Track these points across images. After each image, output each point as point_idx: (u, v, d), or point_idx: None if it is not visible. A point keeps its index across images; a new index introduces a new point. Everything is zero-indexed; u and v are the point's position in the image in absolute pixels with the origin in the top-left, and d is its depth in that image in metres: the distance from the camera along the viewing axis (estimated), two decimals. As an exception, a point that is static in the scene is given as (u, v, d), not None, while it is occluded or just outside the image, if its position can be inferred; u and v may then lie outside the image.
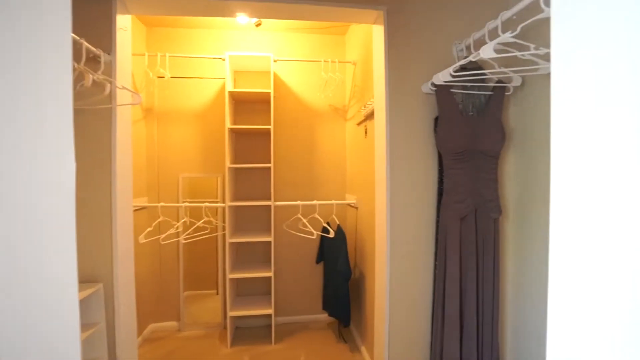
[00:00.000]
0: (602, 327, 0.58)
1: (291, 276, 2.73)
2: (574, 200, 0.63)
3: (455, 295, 1.39)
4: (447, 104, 1.40)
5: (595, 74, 0.58)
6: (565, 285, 0.66)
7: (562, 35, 0.63)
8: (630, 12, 0.54)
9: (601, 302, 0.59)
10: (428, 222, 1.55)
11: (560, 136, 0.63)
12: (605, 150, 0.58)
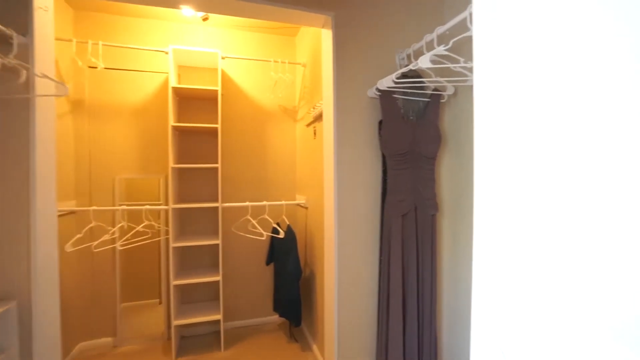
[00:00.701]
0: (518, 313, 0.67)
1: (241, 279, 2.67)
2: (493, 198, 0.72)
3: (399, 288, 1.48)
4: (390, 109, 1.49)
5: (509, 86, 0.67)
6: (486, 275, 0.74)
7: (482, 52, 0.72)
8: (535, 39, 0.63)
9: (517, 291, 0.68)
10: (373, 220, 1.63)
11: (480, 141, 0.71)
12: (518, 154, 0.67)
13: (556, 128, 0.60)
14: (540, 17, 0.62)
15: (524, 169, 0.65)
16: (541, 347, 0.61)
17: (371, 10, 1.65)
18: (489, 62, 0.70)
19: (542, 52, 0.62)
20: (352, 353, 1.64)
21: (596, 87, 0.54)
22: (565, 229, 0.58)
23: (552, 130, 0.60)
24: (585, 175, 0.54)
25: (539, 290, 0.62)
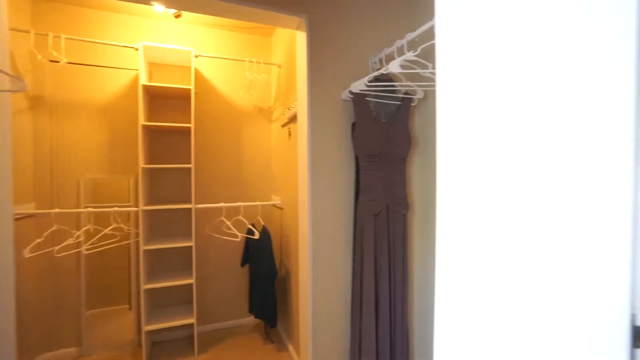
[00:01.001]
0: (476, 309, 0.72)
1: (215, 281, 2.62)
2: (452, 198, 0.77)
3: (371, 285, 1.52)
4: (363, 111, 1.53)
5: (466, 94, 0.72)
6: (447, 274, 0.79)
7: (443, 60, 0.76)
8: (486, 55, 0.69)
9: (474, 289, 0.74)
10: (347, 220, 1.67)
11: (442, 143, 0.76)
12: (473, 156, 0.72)
13: (504, 132, 0.65)
14: (491, 37, 0.68)
15: (477, 172, 0.70)
16: (495, 338, 0.66)
17: (345, 14, 1.68)
18: (448, 71, 0.75)
19: (490, 67, 0.67)
20: (326, 350, 1.66)
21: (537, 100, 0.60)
22: (514, 231, 0.63)
23: (501, 135, 0.65)
24: (535, 178, 0.59)
25: (493, 288, 0.67)
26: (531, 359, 0.58)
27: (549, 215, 0.56)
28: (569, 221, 0.54)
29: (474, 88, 0.69)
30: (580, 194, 0.52)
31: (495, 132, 0.64)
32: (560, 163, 0.55)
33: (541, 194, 0.57)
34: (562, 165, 0.54)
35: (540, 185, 0.58)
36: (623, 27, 0.48)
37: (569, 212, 0.54)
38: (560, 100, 0.54)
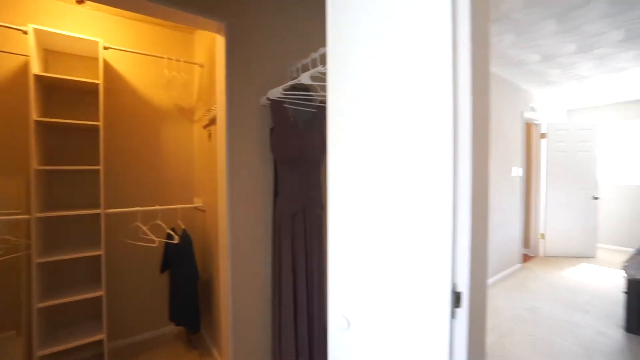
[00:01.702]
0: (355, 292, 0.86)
1: (130, 291, 2.43)
2: (340, 197, 0.90)
3: (289, 283, 1.62)
4: (280, 117, 1.62)
5: (348, 107, 0.85)
6: (334, 264, 0.92)
7: (332, 78, 0.89)
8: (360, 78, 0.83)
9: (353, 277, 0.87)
10: (266, 221, 1.73)
11: (331, 150, 0.88)
12: (355, 162, 0.85)
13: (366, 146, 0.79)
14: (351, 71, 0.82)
15: (353, 177, 0.83)
16: (369, 315, 0.80)
17: (266, 22, 1.75)
18: (337, 85, 0.88)
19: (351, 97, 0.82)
20: (249, 351, 1.70)
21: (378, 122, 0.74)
22: (372, 223, 0.78)
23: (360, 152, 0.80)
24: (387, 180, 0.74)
25: (365, 276, 0.81)
26: (393, 320, 0.73)
27: (398, 210, 0.72)
28: (412, 218, 0.69)
29: (343, 108, 0.82)
30: (418, 196, 0.68)
31: (356, 148, 0.79)
32: (401, 174, 0.71)
33: (392, 194, 0.73)
34: (404, 174, 0.70)
35: (392, 186, 0.73)
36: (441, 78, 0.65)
37: (413, 210, 0.69)
38: (405, 123, 0.70)
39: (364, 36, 0.79)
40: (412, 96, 0.69)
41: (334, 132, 0.87)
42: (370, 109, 0.76)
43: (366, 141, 0.77)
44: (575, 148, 4.70)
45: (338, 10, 0.87)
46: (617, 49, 2.91)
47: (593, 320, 2.83)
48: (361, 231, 0.78)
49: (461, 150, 0.65)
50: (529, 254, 4.86)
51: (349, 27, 0.83)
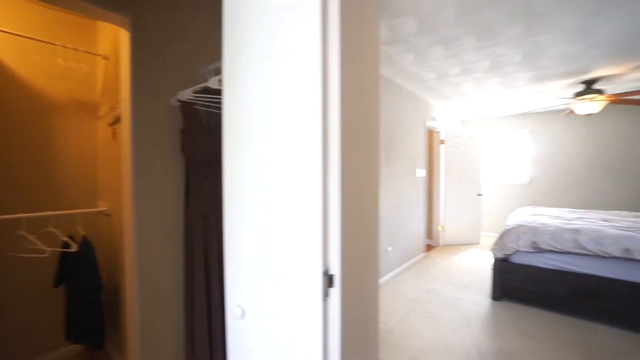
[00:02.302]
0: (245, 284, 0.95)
1: (12, 312, 2.11)
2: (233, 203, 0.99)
3: (202, 285, 1.63)
4: (191, 119, 1.62)
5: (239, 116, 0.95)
6: (230, 259, 1.00)
7: (227, 88, 0.97)
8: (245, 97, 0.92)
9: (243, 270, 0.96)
10: (177, 224, 1.72)
11: (226, 151, 0.96)
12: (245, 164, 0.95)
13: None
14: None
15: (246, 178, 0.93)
16: (260, 302, 0.90)
17: (177, 20, 1.72)
18: (230, 96, 0.96)
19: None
20: (160, 357, 1.66)
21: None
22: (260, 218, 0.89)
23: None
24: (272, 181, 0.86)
25: (256, 266, 0.91)
26: (279, 304, 0.85)
27: (281, 208, 0.84)
28: (293, 215, 0.83)
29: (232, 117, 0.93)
30: (297, 197, 0.82)
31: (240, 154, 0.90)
32: (284, 176, 0.84)
33: (276, 193, 0.85)
34: (286, 176, 0.83)
35: (276, 186, 0.85)
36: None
37: (293, 209, 0.83)
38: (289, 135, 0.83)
39: (253, 55, 0.89)
40: (292, 111, 0.82)
41: (228, 136, 0.95)
42: (258, 119, 0.87)
43: (254, 146, 0.88)
44: (466, 153, 5.62)
45: (234, 32, 0.96)
46: (487, 75, 3.61)
47: (472, 294, 3.45)
48: (251, 226, 0.89)
49: (331, 159, 0.81)
50: (431, 244, 5.62)
51: (242, 47, 0.92)
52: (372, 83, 1.27)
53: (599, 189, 5.37)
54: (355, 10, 0.94)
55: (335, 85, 0.81)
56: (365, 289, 1.19)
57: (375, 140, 1.36)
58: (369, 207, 1.23)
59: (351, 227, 0.97)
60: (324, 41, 0.80)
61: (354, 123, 1.02)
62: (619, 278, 2.70)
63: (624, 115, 5.13)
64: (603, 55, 3.05)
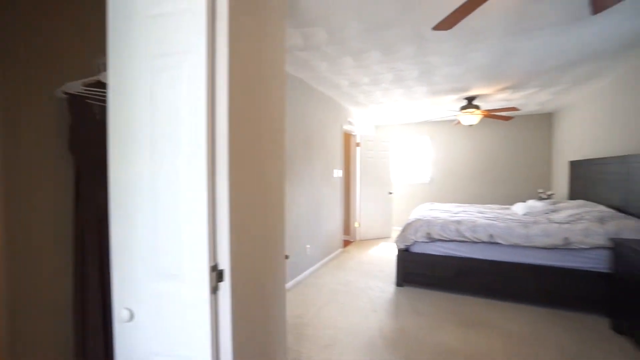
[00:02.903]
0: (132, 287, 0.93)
1: None
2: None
3: (97, 287, 1.50)
4: (82, 114, 1.47)
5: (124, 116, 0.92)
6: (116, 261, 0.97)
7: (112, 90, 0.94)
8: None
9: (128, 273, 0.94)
10: (64, 230, 1.54)
11: (111, 158, 0.93)
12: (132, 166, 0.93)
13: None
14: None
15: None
16: (150, 301, 0.90)
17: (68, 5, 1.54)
18: (114, 95, 0.93)
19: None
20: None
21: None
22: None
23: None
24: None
25: (144, 266, 0.90)
26: (169, 303, 0.86)
27: (170, 208, 0.86)
28: (183, 215, 0.85)
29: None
30: (186, 198, 0.84)
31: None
32: (172, 177, 0.86)
33: (167, 195, 0.87)
34: (174, 177, 0.85)
35: (166, 188, 0.87)
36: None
37: (183, 209, 0.85)
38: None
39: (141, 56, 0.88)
40: (179, 113, 0.85)
41: (114, 134, 0.92)
42: (144, 119, 0.87)
43: (141, 149, 0.88)
44: (379, 155, 6.19)
45: (118, 33, 0.93)
46: (392, 86, 4.07)
47: (380, 283, 3.85)
48: (140, 227, 0.88)
49: (219, 159, 0.86)
50: (349, 240, 6.04)
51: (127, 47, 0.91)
52: (275, 86, 1.35)
53: (479, 187, 6.52)
54: (252, 17, 1.01)
55: (222, 89, 0.86)
56: (266, 284, 1.27)
57: (280, 143, 1.44)
58: (271, 205, 1.31)
59: (246, 223, 1.03)
60: (212, 44, 0.84)
61: (249, 126, 1.08)
62: (486, 258, 3.35)
63: (495, 128, 6.33)
64: (477, 77, 3.73)
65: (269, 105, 1.30)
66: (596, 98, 4.28)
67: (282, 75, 1.48)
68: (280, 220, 1.47)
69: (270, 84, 1.32)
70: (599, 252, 2.93)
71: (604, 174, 3.73)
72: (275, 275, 1.43)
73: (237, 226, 0.95)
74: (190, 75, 0.82)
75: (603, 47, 2.88)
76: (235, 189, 0.94)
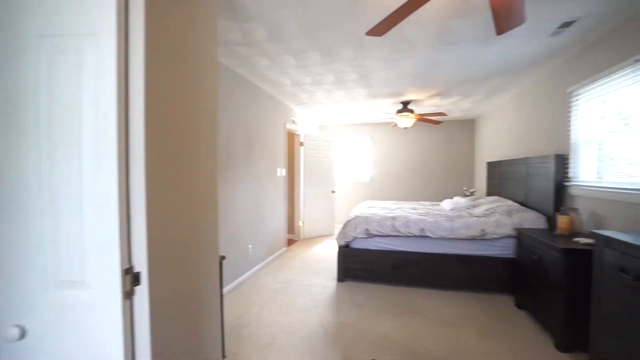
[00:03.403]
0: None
1: None
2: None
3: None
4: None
5: None
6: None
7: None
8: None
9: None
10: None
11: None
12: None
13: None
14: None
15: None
16: (46, 316, 0.79)
17: None
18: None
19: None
20: None
21: None
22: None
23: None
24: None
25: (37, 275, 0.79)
26: (74, 312, 0.77)
27: (78, 207, 0.77)
28: (90, 216, 0.77)
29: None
30: (95, 194, 0.76)
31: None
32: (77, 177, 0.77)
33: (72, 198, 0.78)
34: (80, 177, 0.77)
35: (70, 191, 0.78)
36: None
37: (91, 208, 0.77)
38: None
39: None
40: (86, 104, 0.76)
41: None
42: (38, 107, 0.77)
43: (37, 140, 0.77)
44: (322, 154, 6.31)
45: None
46: (333, 87, 4.19)
47: (323, 279, 3.93)
48: (37, 229, 0.77)
49: (133, 157, 0.79)
50: (293, 238, 6.05)
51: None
52: (206, 77, 1.29)
53: (414, 185, 7.05)
54: (174, 10, 0.95)
55: (138, 74, 0.80)
56: (197, 285, 1.21)
57: (212, 138, 1.39)
58: (202, 204, 1.25)
59: (170, 223, 0.97)
60: (124, 23, 0.77)
61: (174, 118, 1.02)
62: (418, 251, 3.64)
63: (427, 131, 6.91)
64: (410, 83, 4.03)
65: (199, 98, 1.25)
66: (504, 108, 4.93)
67: (215, 66, 1.42)
68: (214, 220, 1.42)
69: (200, 75, 1.26)
70: (508, 240, 3.39)
71: (511, 173, 4.32)
72: (209, 276, 1.37)
73: (158, 226, 0.89)
74: (97, 58, 0.74)
75: (506, 65, 3.34)
76: (156, 186, 0.88)
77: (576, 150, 2.98)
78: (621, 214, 2.38)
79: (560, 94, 3.23)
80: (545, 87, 3.62)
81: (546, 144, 3.57)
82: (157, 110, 0.90)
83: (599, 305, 1.80)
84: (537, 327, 2.69)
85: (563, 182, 3.13)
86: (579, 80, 2.91)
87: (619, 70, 2.40)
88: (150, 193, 0.84)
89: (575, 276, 2.26)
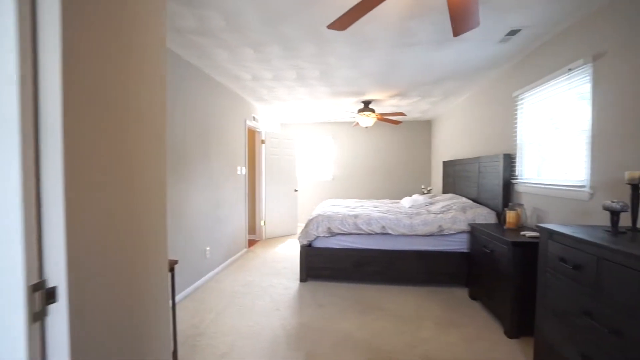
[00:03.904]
0: None
1: None
2: None
3: None
4: None
5: None
6: None
7: None
8: None
9: None
10: None
11: None
12: None
13: None
14: None
15: None
16: None
17: None
18: None
19: None
20: None
21: None
22: None
23: None
24: None
25: None
26: None
27: None
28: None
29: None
30: None
31: None
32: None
33: None
34: None
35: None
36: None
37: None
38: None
39: None
40: None
41: None
42: None
43: None
44: (284, 153, 6.19)
45: None
46: (295, 83, 4.10)
47: (284, 280, 3.83)
48: None
49: (46, 150, 0.65)
50: (255, 239, 5.86)
51: None
52: (152, 64, 1.15)
53: (375, 183, 7.21)
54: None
55: (52, 51, 0.66)
56: (140, 296, 1.07)
57: (160, 132, 1.24)
58: (146, 205, 1.11)
59: (101, 227, 0.83)
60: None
61: (106, 107, 0.88)
62: (380, 248, 3.69)
63: (387, 130, 7.10)
64: (371, 83, 4.07)
65: (142, 86, 1.10)
66: (458, 110, 5.21)
67: (162, 53, 1.27)
68: (162, 221, 1.27)
69: (144, 61, 1.11)
70: (462, 235, 3.56)
71: (465, 172, 4.57)
72: (156, 284, 1.22)
73: (85, 229, 0.75)
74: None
75: (460, 69, 3.50)
76: (82, 183, 0.74)
77: (521, 150, 3.21)
78: (559, 209, 2.60)
79: (507, 98, 3.46)
80: (494, 91, 3.86)
81: (496, 144, 3.81)
82: (80, 99, 0.76)
83: (543, 294, 1.92)
84: (488, 316, 2.85)
85: (510, 179, 3.35)
86: (523, 85, 3.13)
87: (555, 77, 2.61)
88: (73, 190, 0.70)
89: (523, 267, 2.42)
